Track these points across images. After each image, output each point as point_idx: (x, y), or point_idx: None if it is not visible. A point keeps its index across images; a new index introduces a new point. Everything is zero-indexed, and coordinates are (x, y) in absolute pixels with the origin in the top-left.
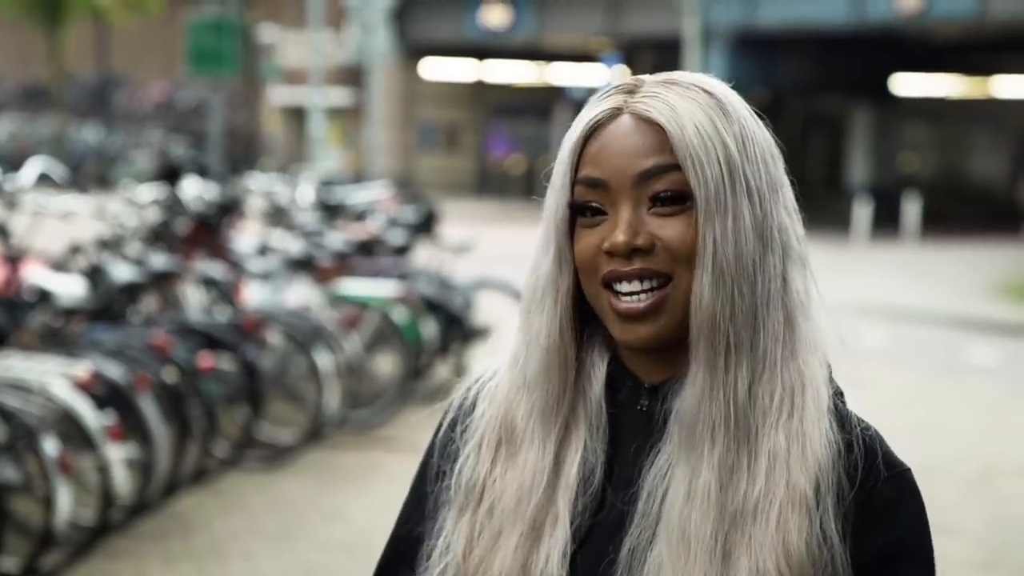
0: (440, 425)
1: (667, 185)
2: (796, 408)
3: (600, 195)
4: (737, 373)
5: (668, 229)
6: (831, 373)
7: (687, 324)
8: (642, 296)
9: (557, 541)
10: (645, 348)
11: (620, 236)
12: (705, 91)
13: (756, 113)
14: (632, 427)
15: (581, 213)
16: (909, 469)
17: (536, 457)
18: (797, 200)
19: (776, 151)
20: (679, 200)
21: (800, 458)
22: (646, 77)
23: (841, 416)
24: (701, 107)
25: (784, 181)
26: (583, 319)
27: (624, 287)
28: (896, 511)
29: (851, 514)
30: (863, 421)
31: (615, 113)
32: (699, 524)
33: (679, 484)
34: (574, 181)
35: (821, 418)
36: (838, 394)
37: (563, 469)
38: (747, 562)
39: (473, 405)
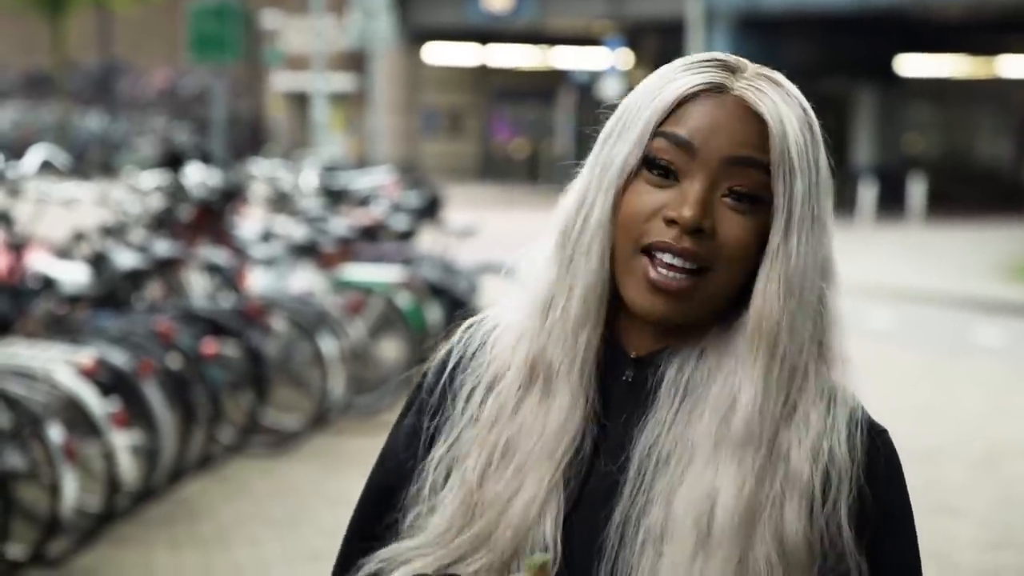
0: (443, 364)
1: (748, 181)
2: (820, 415)
3: (682, 158)
4: (780, 384)
5: (733, 225)
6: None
7: (703, 317)
8: (679, 276)
9: (550, 505)
10: (658, 323)
11: (690, 211)
12: (802, 106)
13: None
14: (619, 397)
15: (649, 168)
16: (886, 430)
17: (570, 402)
18: None
19: (832, 185)
20: (752, 201)
21: (800, 446)
22: (746, 61)
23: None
24: (799, 120)
25: (831, 213)
26: None
27: (667, 258)
28: (876, 475)
29: (856, 506)
30: (844, 390)
31: (719, 88)
32: (728, 530)
33: (727, 490)
34: (655, 133)
35: (836, 417)
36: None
37: (576, 436)
38: (731, 550)
39: (480, 346)
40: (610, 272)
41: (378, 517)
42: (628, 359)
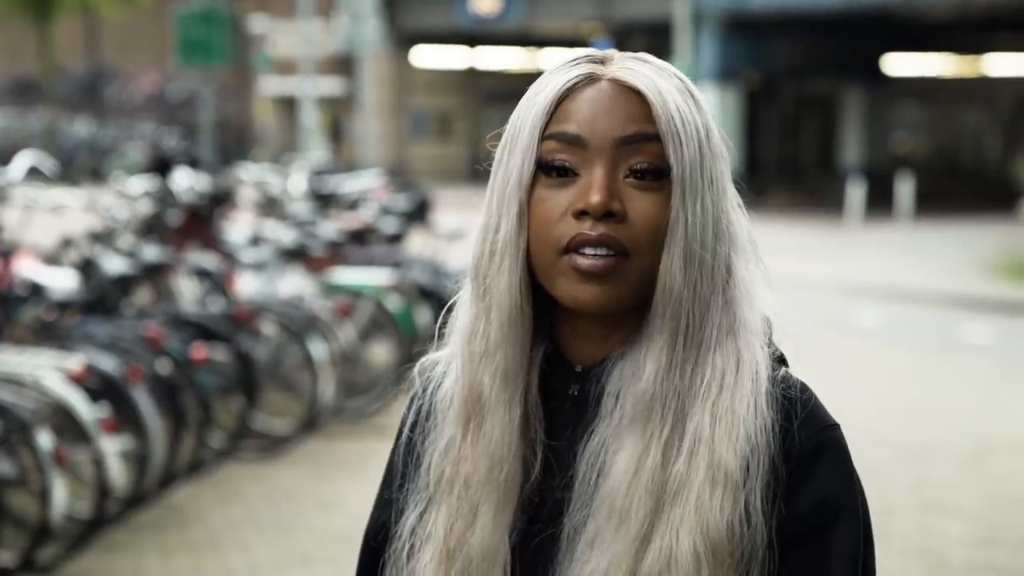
0: (402, 426)
1: (647, 156)
2: (727, 386)
3: (575, 153)
4: (686, 356)
5: (642, 204)
6: (771, 339)
7: (636, 299)
8: (604, 256)
9: (509, 530)
10: (597, 311)
11: (597, 196)
12: (676, 76)
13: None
14: (565, 414)
15: (546, 172)
16: (833, 425)
17: (503, 422)
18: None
19: (722, 145)
20: (655, 175)
21: (727, 435)
22: (613, 52)
23: (773, 386)
24: (677, 89)
25: (729, 175)
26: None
27: (587, 250)
28: (815, 470)
29: (775, 485)
30: (788, 381)
31: (592, 78)
32: (639, 503)
33: (626, 461)
34: (543, 138)
35: (758, 395)
36: (780, 360)
37: (521, 455)
38: (659, 542)
39: (433, 406)
40: (530, 287)
41: None
42: (574, 373)
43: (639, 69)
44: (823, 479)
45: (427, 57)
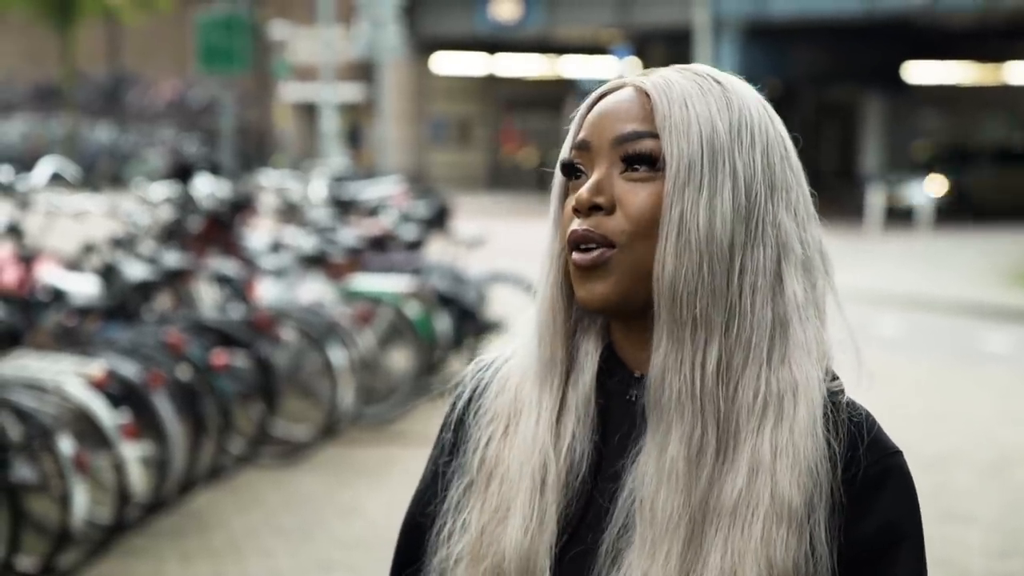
0: (454, 406)
1: (639, 149)
2: (786, 416)
3: (584, 156)
4: (707, 351)
5: (632, 195)
6: (830, 366)
7: (639, 294)
8: (592, 249)
9: (545, 533)
10: (596, 308)
11: (584, 192)
12: (716, 81)
13: (788, 129)
14: (620, 417)
15: (573, 177)
16: (897, 452)
17: (533, 423)
18: (812, 195)
19: (790, 156)
20: (649, 165)
21: (790, 470)
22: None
23: (836, 412)
24: (702, 90)
25: (793, 186)
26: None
27: (580, 245)
28: (880, 494)
29: (838, 512)
30: (853, 408)
31: (620, 85)
32: (666, 501)
33: (649, 459)
34: (571, 148)
35: (815, 424)
36: (839, 390)
37: (558, 453)
38: (720, 562)
39: (487, 386)
40: (566, 290)
41: (412, 561)
42: (633, 379)
43: (662, 73)
44: (888, 504)
45: (447, 64)
